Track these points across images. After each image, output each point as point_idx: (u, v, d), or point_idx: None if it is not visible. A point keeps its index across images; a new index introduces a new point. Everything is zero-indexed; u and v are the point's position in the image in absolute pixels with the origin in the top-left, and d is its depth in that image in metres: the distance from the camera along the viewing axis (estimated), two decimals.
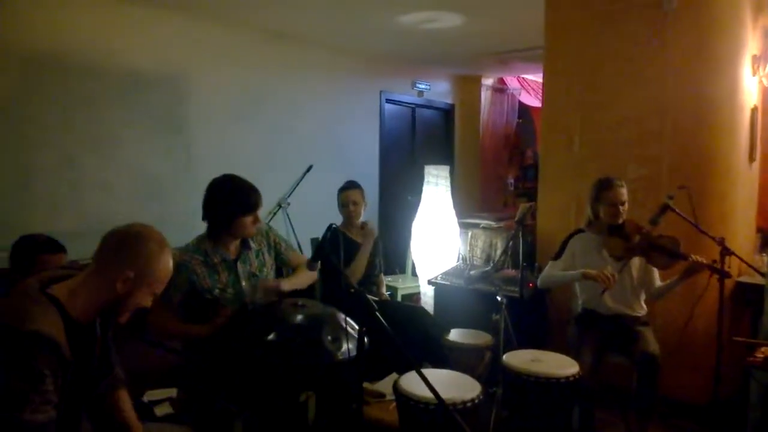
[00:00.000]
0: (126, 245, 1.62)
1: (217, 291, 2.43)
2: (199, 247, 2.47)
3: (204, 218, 2.51)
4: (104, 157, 4.09)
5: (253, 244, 2.60)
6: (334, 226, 2.12)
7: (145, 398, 2.83)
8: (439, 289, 4.09)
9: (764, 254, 3.87)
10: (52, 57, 3.82)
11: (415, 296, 4.85)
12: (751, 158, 3.79)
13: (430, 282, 4.16)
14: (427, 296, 4.46)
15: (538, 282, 3.26)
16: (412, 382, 2.18)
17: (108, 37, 4.08)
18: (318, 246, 2.10)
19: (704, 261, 2.85)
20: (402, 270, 5.37)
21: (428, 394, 1.65)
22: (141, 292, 1.63)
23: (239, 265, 2.51)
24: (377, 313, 1.82)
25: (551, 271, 3.19)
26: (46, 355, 1.42)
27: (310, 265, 2.21)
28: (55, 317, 1.48)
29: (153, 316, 2.32)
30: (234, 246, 2.54)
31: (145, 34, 4.28)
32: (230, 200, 2.44)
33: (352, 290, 2.10)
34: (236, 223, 2.44)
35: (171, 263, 1.72)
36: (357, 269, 3.47)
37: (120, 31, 4.14)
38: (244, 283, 2.50)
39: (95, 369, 1.69)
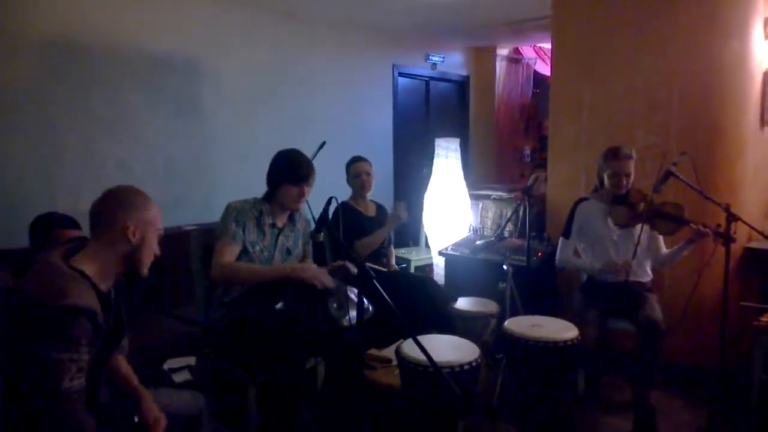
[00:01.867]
0: (114, 203, 1.73)
1: (257, 248, 2.57)
2: (256, 205, 2.63)
3: (266, 183, 2.68)
4: (123, 138, 4.21)
5: (297, 224, 2.76)
6: (333, 198, 2.19)
7: (166, 366, 2.99)
8: (450, 260, 4.16)
9: None
10: (71, 40, 3.93)
11: (428, 267, 4.93)
12: (763, 123, 3.75)
13: (440, 253, 4.23)
14: (439, 267, 4.53)
15: (557, 263, 3.31)
16: (413, 347, 2.26)
17: (126, 19, 4.17)
18: (319, 218, 2.18)
19: (708, 226, 2.86)
20: (416, 242, 5.44)
21: (425, 358, 1.73)
22: (150, 237, 1.76)
23: (281, 236, 2.67)
24: (375, 282, 1.89)
25: (566, 256, 3.24)
26: (84, 325, 1.54)
27: (313, 236, 2.29)
28: (89, 289, 1.60)
29: (218, 254, 2.46)
30: (283, 217, 2.69)
31: (161, 17, 4.36)
32: (282, 167, 2.60)
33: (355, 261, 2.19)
34: (281, 189, 2.59)
35: (152, 201, 1.83)
36: (372, 244, 3.56)
37: (137, 13, 4.22)
38: (277, 254, 2.63)
39: (110, 337, 1.81)
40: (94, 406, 1.76)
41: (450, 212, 4.53)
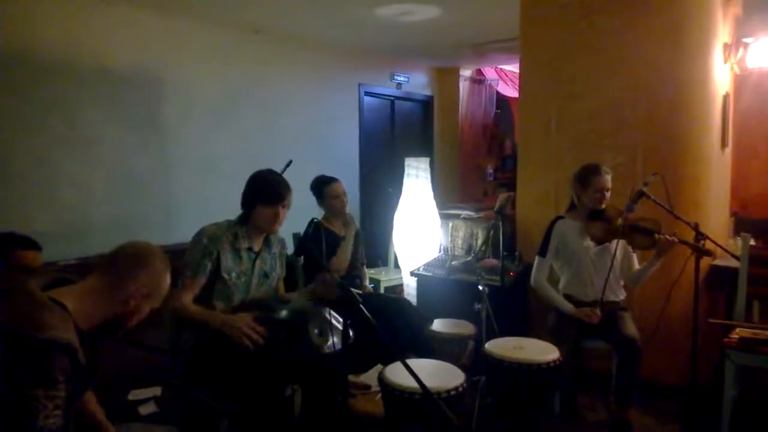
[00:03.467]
0: (141, 263, 1.66)
1: (234, 275, 2.47)
2: (231, 228, 2.52)
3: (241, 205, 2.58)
4: (80, 156, 4.03)
5: (273, 247, 2.68)
6: (315, 220, 2.12)
7: (130, 397, 2.83)
8: (422, 280, 4.12)
9: (738, 237, 3.96)
10: (25, 55, 3.75)
11: (398, 288, 4.88)
12: (723, 144, 3.88)
13: (412, 273, 4.18)
14: (410, 287, 4.49)
15: (532, 282, 3.30)
16: (396, 373, 2.20)
17: (83, 34, 4.01)
18: (300, 240, 2.11)
19: (686, 242, 2.91)
20: (384, 262, 5.39)
21: (413, 383, 1.67)
22: (147, 306, 1.69)
23: (259, 259, 2.58)
24: (362, 306, 1.83)
25: (543, 281, 3.23)
26: (63, 361, 1.43)
27: (292, 259, 2.22)
28: (70, 324, 1.50)
29: (178, 290, 2.36)
30: (259, 240, 2.60)
31: (121, 32, 4.22)
32: (257, 188, 2.53)
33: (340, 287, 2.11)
34: (256, 211, 2.50)
35: (169, 276, 1.76)
36: (341, 261, 3.47)
37: (96, 28, 4.07)
38: (254, 279, 2.54)
39: (89, 373, 1.70)
40: None
41: (420, 232, 4.50)
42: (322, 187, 3.60)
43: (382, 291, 4.77)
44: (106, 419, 1.83)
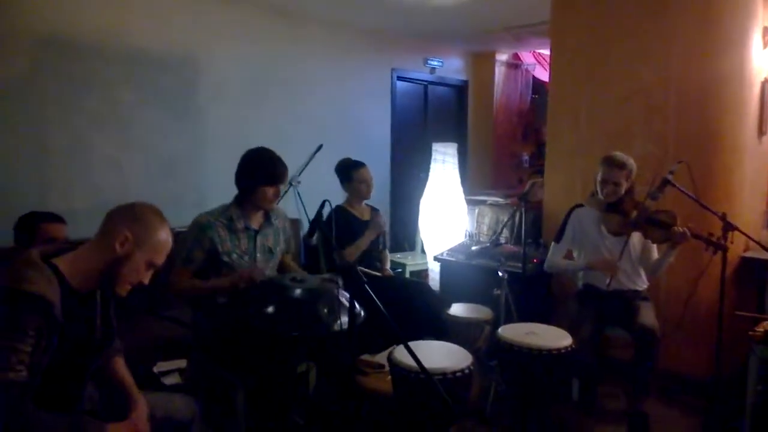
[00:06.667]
0: (126, 213, 1.70)
1: (234, 256, 2.50)
2: (225, 212, 2.56)
3: (235, 184, 2.61)
4: (116, 136, 4.18)
5: (275, 222, 2.69)
6: (326, 201, 2.17)
7: (156, 369, 2.96)
8: (445, 265, 4.13)
9: None
10: (63, 38, 3.90)
11: (424, 273, 4.91)
12: (761, 132, 3.73)
13: (436, 258, 4.20)
14: (435, 272, 4.51)
15: (545, 266, 3.29)
16: (405, 353, 2.24)
17: (119, 17, 4.14)
18: (312, 220, 2.15)
19: (699, 235, 2.84)
20: (412, 247, 5.42)
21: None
22: (138, 257, 1.68)
23: (259, 237, 2.60)
24: (366, 286, 1.86)
25: (555, 259, 3.23)
26: (35, 314, 1.47)
27: (306, 240, 2.27)
28: (52, 281, 1.54)
29: (173, 275, 2.43)
30: (258, 217, 2.62)
31: (156, 14, 4.33)
32: (256, 169, 2.54)
33: (347, 265, 2.16)
34: (257, 191, 2.52)
35: (170, 239, 1.77)
36: (360, 247, 3.49)
37: (131, 11, 4.20)
38: (259, 255, 2.58)
39: (98, 339, 1.78)
40: (77, 410, 1.72)
41: (446, 217, 4.50)
42: (350, 170, 3.58)
43: (408, 275, 4.80)
44: (134, 384, 1.88)
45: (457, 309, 3.27)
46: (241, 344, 2.40)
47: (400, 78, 6.26)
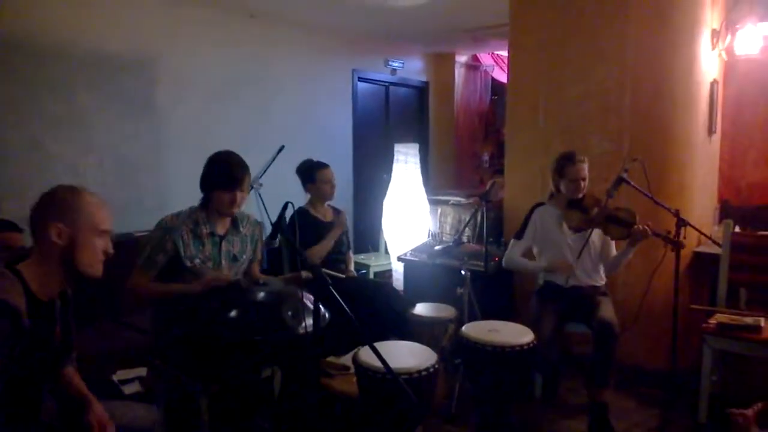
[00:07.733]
0: (43, 207, 1.67)
1: (198, 261, 2.44)
2: (192, 215, 2.50)
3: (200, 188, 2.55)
4: (74, 140, 4.07)
5: (242, 229, 2.62)
6: (289, 203, 2.14)
7: (115, 377, 2.88)
8: (408, 266, 4.15)
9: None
10: (19, 39, 3.77)
11: (387, 273, 4.92)
12: (710, 131, 3.87)
13: (399, 258, 4.22)
14: (399, 273, 4.52)
15: (503, 262, 3.33)
16: (370, 354, 2.24)
17: (78, 18, 4.04)
18: (275, 223, 2.12)
19: (658, 233, 2.92)
20: (375, 248, 5.42)
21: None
22: (82, 236, 1.65)
23: (224, 243, 2.54)
24: (331, 288, 1.85)
25: (514, 256, 3.27)
26: (3, 321, 1.44)
27: (268, 242, 2.24)
28: (18, 288, 1.52)
29: (133, 279, 2.38)
30: (224, 223, 2.56)
31: (116, 16, 4.24)
32: (212, 173, 2.47)
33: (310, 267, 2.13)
34: (213, 195, 2.46)
35: (95, 198, 1.74)
36: (324, 248, 3.48)
37: (91, 12, 4.09)
38: (223, 261, 2.53)
39: (57, 349, 1.73)
40: (34, 421, 1.67)
41: (409, 218, 4.53)
42: (314, 170, 3.56)
43: (371, 276, 4.80)
44: (90, 393, 1.83)
45: (421, 308, 3.29)
46: (204, 350, 2.35)
47: (361, 79, 6.26)
